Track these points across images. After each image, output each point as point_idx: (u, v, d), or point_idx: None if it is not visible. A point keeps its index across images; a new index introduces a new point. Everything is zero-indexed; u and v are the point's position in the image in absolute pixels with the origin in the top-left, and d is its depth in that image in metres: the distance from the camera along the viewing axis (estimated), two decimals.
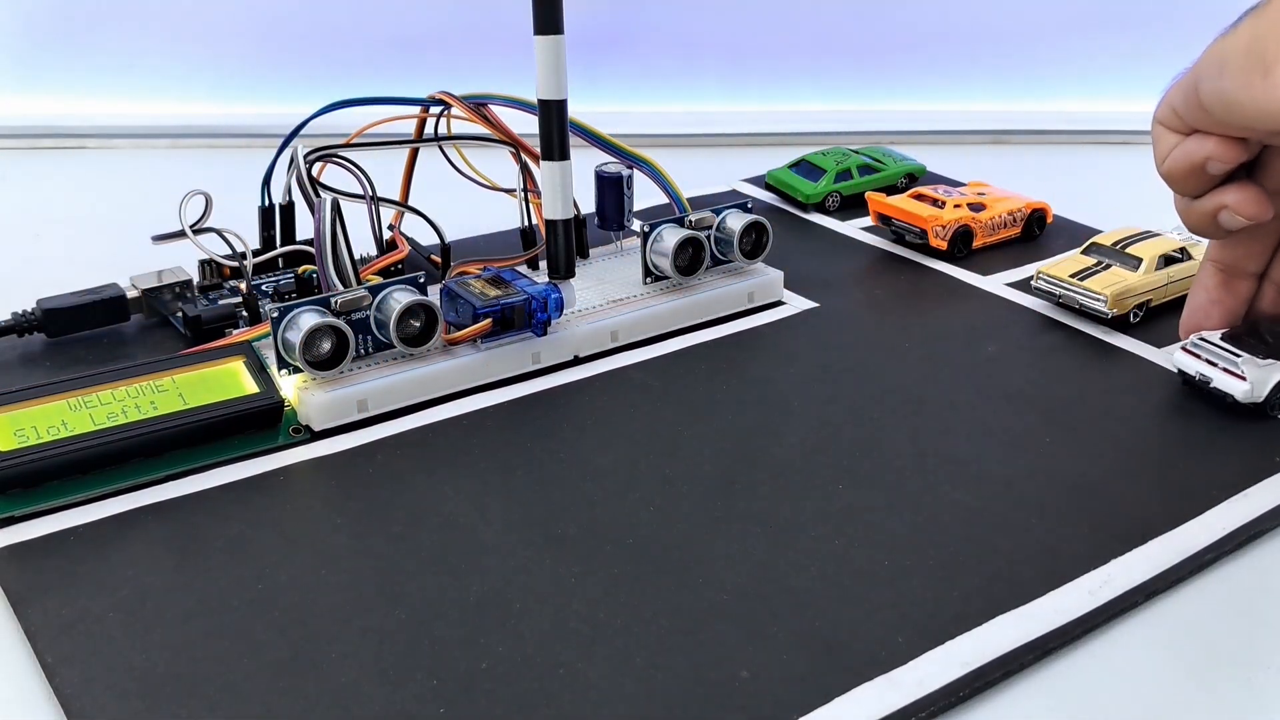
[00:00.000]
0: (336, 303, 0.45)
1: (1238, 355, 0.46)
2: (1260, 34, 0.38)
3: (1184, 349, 0.48)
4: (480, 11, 0.85)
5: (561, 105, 0.49)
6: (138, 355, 0.50)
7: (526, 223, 0.56)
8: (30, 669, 0.34)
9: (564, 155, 0.49)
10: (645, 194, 0.60)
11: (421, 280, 0.47)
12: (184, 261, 0.54)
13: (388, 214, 0.55)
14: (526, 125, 0.55)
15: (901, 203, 0.63)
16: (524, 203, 0.56)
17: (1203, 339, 0.48)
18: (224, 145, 0.81)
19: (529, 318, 0.49)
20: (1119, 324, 0.54)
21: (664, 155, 0.58)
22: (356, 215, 0.50)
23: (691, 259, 0.54)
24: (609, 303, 0.53)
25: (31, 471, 0.40)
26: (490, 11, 0.85)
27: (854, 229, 0.66)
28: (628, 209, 0.58)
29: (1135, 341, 0.53)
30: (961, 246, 0.62)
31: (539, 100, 0.48)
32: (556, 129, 0.49)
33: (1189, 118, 0.42)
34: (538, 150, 0.52)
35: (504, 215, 0.59)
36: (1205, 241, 0.58)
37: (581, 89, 0.87)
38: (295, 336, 0.44)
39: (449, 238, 0.55)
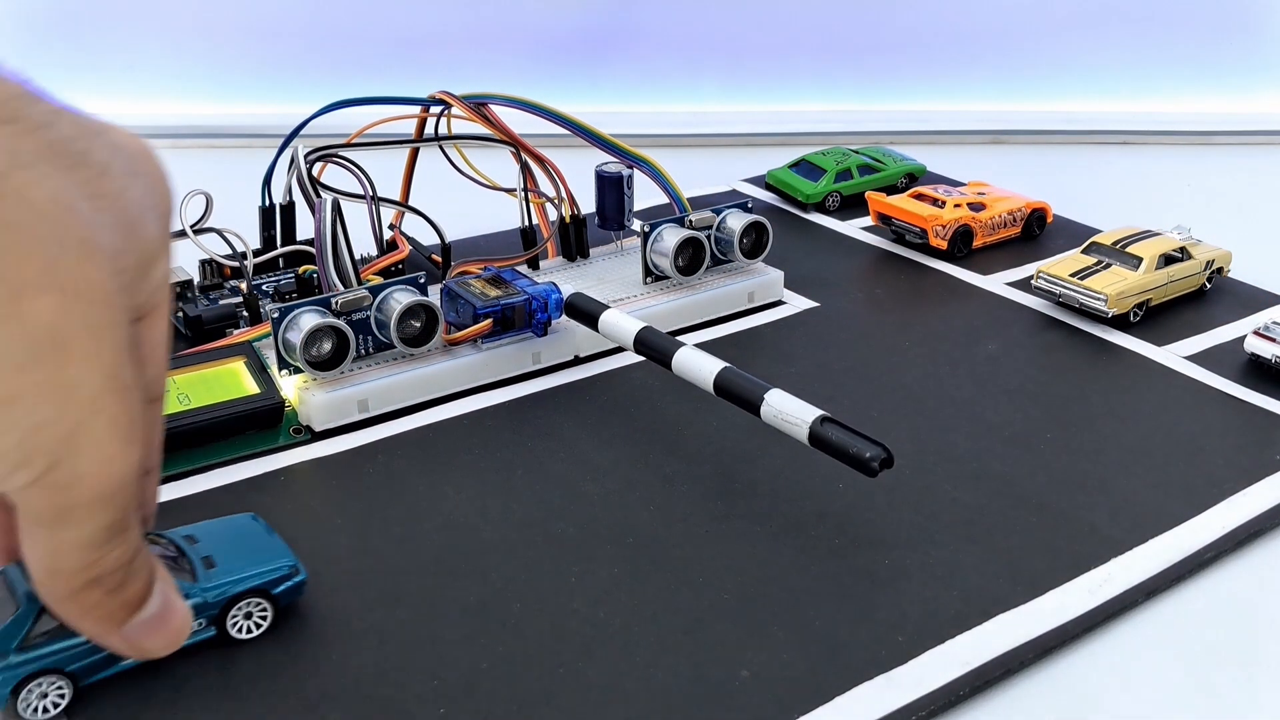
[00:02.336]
0: (337, 303, 0.45)
1: None
2: None
3: (1256, 333, 0.50)
4: (480, 11, 0.85)
5: None
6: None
7: (527, 223, 0.56)
8: None
9: None
10: (645, 194, 0.60)
11: (422, 280, 0.47)
12: (184, 261, 0.54)
13: (388, 214, 0.55)
14: (526, 125, 0.55)
15: (901, 202, 0.63)
16: (524, 203, 0.56)
17: (1275, 323, 0.50)
18: (224, 145, 0.81)
19: (529, 318, 0.49)
20: (1119, 323, 0.54)
21: (664, 155, 0.58)
22: (357, 215, 0.50)
23: (692, 259, 0.54)
24: (609, 303, 0.53)
25: None
26: (490, 11, 0.85)
27: (854, 229, 0.66)
28: (628, 209, 0.58)
29: (1135, 340, 0.53)
30: (961, 246, 0.62)
31: None
32: None
33: None
34: (538, 150, 0.52)
35: (504, 215, 0.59)
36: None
37: (581, 89, 0.88)
38: (296, 337, 0.44)
39: (449, 237, 0.55)
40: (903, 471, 0.42)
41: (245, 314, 0.51)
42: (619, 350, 0.51)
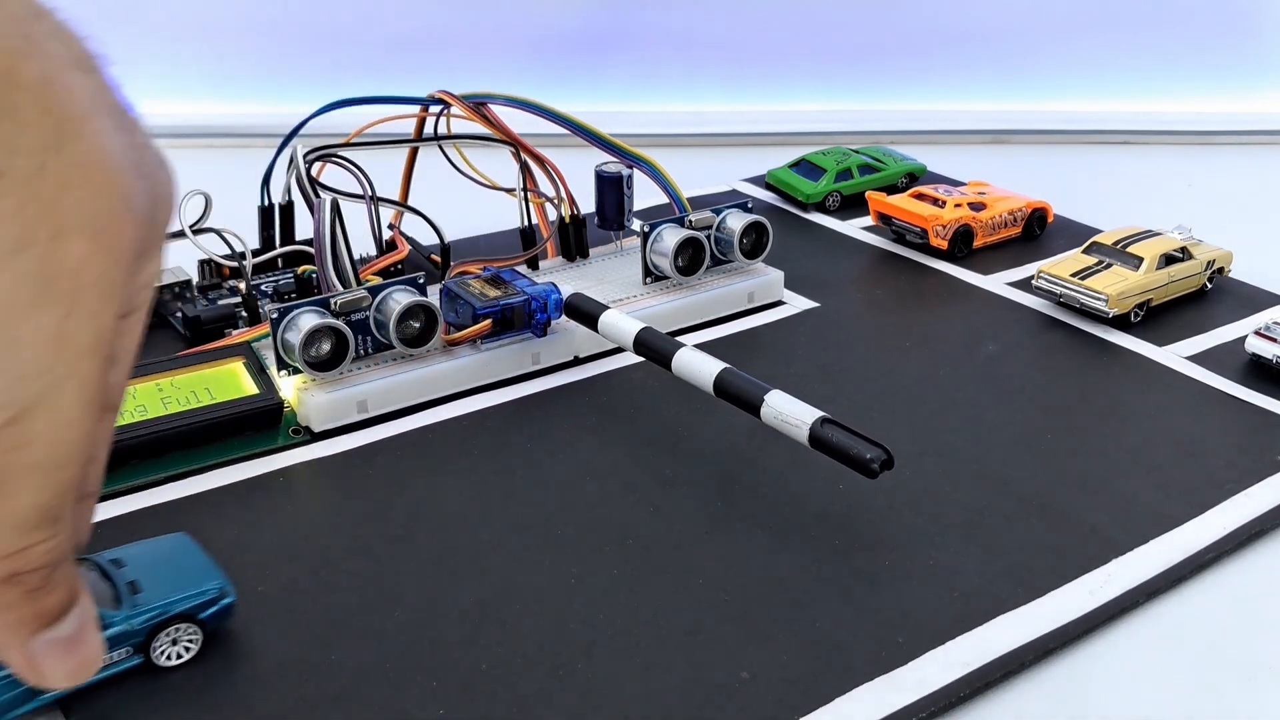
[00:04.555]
0: (336, 303, 0.45)
1: None
2: None
3: (1257, 333, 0.50)
4: (480, 11, 0.85)
5: None
6: (137, 356, 0.50)
7: (526, 223, 0.56)
8: None
9: None
10: (645, 194, 0.60)
11: (421, 280, 0.47)
12: (183, 261, 0.54)
13: (387, 214, 0.55)
14: (526, 125, 0.55)
15: (902, 202, 0.63)
16: (524, 203, 0.56)
17: (1276, 322, 0.50)
18: (224, 145, 0.81)
19: (529, 318, 0.49)
20: (1120, 323, 0.54)
21: (664, 155, 0.57)
22: (356, 215, 0.50)
23: (691, 259, 0.54)
24: (609, 303, 0.53)
25: None
26: (490, 11, 0.85)
27: (854, 229, 0.66)
28: (628, 209, 0.58)
29: (1136, 340, 0.53)
30: (962, 246, 0.62)
31: None
32: None
33: None
34: (537, 150, 0.52)
35: (504, 215, 0.59)
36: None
37: (581, 89, 0.88)
38: (295, 337, 0.44)
39: (449, 238, 0.55)
40: (903, 473, 0.42)
41: (244, 314, 0.51)
42: (619, 351, 0.51)
